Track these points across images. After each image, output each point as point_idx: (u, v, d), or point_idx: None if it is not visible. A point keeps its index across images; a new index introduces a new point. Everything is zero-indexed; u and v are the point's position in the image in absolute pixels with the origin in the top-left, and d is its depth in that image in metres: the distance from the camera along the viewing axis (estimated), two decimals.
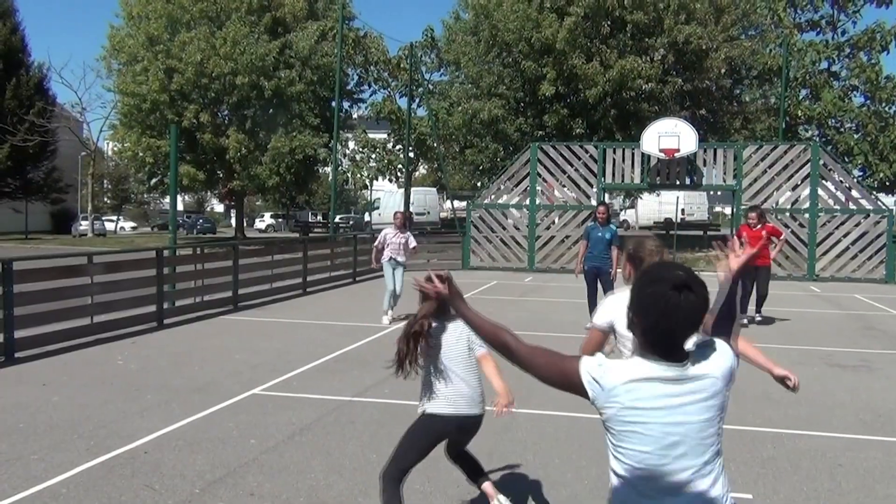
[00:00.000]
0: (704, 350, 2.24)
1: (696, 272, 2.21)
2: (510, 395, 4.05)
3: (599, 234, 11.08)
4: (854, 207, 19.98)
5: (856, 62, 27.36)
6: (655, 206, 45.66)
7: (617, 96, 25.34)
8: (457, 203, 36.77)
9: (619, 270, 11.38)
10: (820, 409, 6.96)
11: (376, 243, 12.25)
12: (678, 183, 21.74)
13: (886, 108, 27.63)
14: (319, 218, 55.00)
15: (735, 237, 11.53)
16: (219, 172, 37.51)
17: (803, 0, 29.39)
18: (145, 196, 59.58)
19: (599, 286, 11.01)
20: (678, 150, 19.95)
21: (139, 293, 11.00)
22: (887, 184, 28.09)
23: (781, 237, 12.56)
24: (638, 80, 24.76)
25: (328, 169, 37.23)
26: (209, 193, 58.94)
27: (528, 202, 21.51)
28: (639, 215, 49.62)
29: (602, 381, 2.20)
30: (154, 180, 38.54)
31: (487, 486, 4.40)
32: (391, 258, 11.98)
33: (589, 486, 4.95)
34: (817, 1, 29.07)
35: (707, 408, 2.20)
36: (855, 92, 28.12)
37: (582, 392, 2.24)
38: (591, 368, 2.24)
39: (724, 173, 20.68)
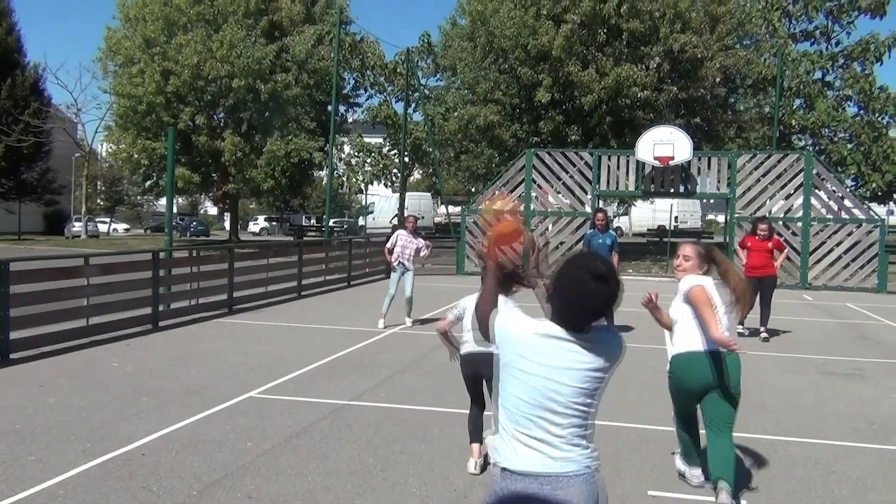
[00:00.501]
0: (602, 331, 2.54)
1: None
2: None
3: (600, 240, 11.17)
4: (847, 217, 20.09)
5: (850, 72, 27.55)
6: (649, 214, 45.81)
7: (612, 104, 25.44)
8: (451, 208, 36.90)
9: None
10: (813, 417, 7.01)
11: (388, 244, 12.21)
12: (672, 191, 21.84)
13: (879, 119, 27.82)
14: (313, 222, 54.99)
15: (739, 247, 11.60)
16: (214, 175, 37.50)
17: (798, 10, 29.59)
18: (139, 198, 59.48)
19: None
20: (673, 158, 20.03)
21: (135, 295, 11.00)
22: (880, 194, 28.26)
23: (784, 251, 12.58)
24: (633, 88, 24.87)
25: (323, 173, 37.30)
26: (203, 196, 58.91)
27: (522, 208, 21.57)
28: (632, 222, 49.77)
29: (507, 328, 2.52)
30: (149, 182, 38.52)
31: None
32: (400, 263, 11.92)
33: None
34: (812, 11, 29.27)
35: (587, 378, 2.45)
36: (848, 102, 28.33)
37: (491, 336, 2.56)
38: (501, 317, 2.56)
39: (718, 181, 20.78)
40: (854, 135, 27.99)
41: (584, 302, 2.45)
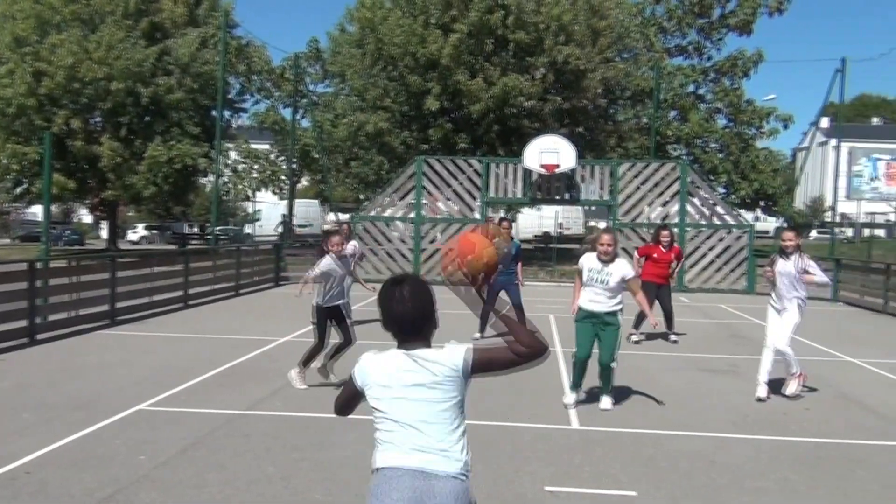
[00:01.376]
0: (440, 347, 2.75)
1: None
2: None
3: (506, 249, 11.38)
4: (719, 223, 21.24)
5: (720, 86, 29.20)
6: (536, 220, 46.92)
7: (500, 112, 25.95)
8: (340, 215, 36.66)
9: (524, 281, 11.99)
10: (694, 411, 7.42)
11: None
12: (558, 198, 22.50)
13: (747, 130, 29.58)
14: (196, 230, 53.32)
15: (638, 254, 12.11)
16: (90, 181, 35.82)
17: (672, 27, 31.10)
18: (7, 206, 56.05)
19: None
20: (558, 166, 20.64)
21: (8, 307, 10.41)
22: (748, 201, 30.02)
23: (682, 260, 13.05)
24: (520, 98, 25.46)
25: (208, 179, 36.30)
26: (78, 204, 56.09)
27: (412, 215, 21.72)
28: (519, 229, 50.82)
29: (360, 376, 2.74)
30: (19, 189, 36.38)
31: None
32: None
33: (486, 490, 5.10)
34: (685, 28, 30.83)
35: (436, 387, 2.65)
36: (719, 114, 29.98)
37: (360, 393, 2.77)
38: (356, 370, 2.76)
39: (601, 189, 21.57)
40: (724, 145, 29.68)
41: (390, 308, 2.73)
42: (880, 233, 50.60)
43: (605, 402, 7.37)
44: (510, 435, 6.43)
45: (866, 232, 49.64)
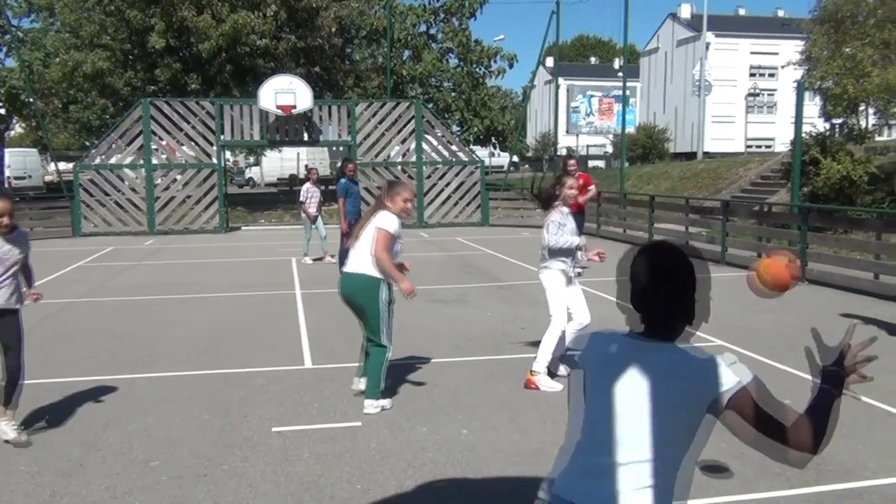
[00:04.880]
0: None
1: None
2: None
3: (356, 189, 12.12)
4: (453, 159, 22.20)
5: (449, 27, 30.12)
6: (278, 164, 46.04)
7: (232, 51, 24.90)
8: (63, 165, 33.54)
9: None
10: (422, 340, 7.80)
11: (301, 199, 14.50)
12: (297, 139, 22.22)
13: (477, 70, 30.90)
14: None
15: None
16: None
17: None
18: None
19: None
20: (295, 107, 20.33)
21: None
22: (481, 137, 31.58)
23: (593, 185, 12.86)
24: (252, 36, 24.57)
25: None
26: None
27: (143, 161, 20.41)
28: (264, 173, 49.68)
29: None
30: None
31: None
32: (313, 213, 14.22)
33: (211, 438, 5.04)
34: None
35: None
36: (450, 54, 30.98)
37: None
38: None
39: (340, 129, 21.61)
40: (457, 84, 30.84)
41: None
42: (600, 163, 55.62)
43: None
44: (242, 380, 6.39)
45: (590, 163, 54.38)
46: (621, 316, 2.31)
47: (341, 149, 28.01)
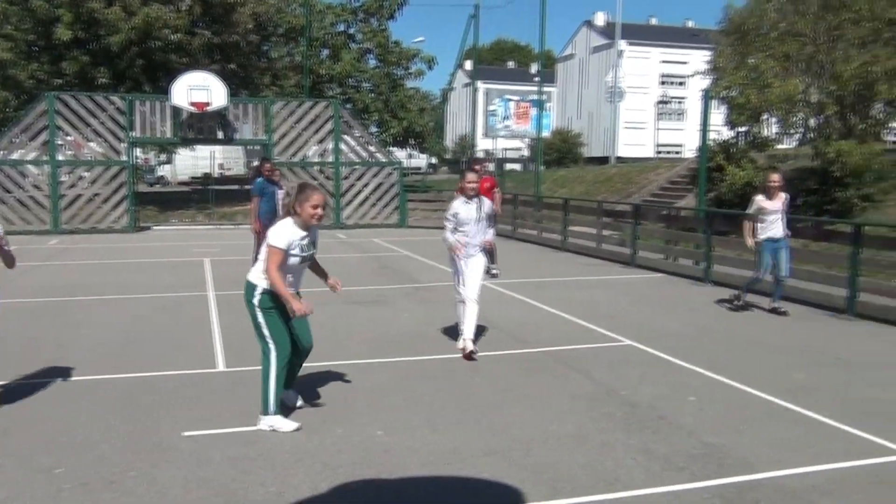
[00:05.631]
0: None
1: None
2: None
3: (272, 189, 11.87)
4: (371, 160, 22.14)
5: (368, 27, 30.03)
6: (191, 161, 44.98)
7: (143, 45, 24.18)
8: None
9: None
10: (338, 341, 7.78)
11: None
12: (211, 137, 21.78)
13: (395, 71, 30.91)
14: None
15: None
16: None
17: None
18: None
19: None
20: (209, 104, 19.92)
21: None
22: (399, 139, 31.60)
23: (498, 189, 13.01)
24: (165, 30, 23.92)
25: None
26: None
27: (46, 157, 19.62)
28: (176, 171, 48.46)
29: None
30: None
31: None
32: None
33: (119, 443, 4.91)
34: None
35: None
36: (369, 55, 30.89)
37: None
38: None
39: (256, 128, 21.27)
40: (375, 85, 30.78)
41: None
42: (517, 167, 56.33)
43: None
44: (152, 385, 6.24)
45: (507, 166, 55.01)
46: (532, 315, 2.38)
47: (257, 148, 27.58)
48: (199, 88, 19.85)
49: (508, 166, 50.50)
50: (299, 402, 5.61)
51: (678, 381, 6.44)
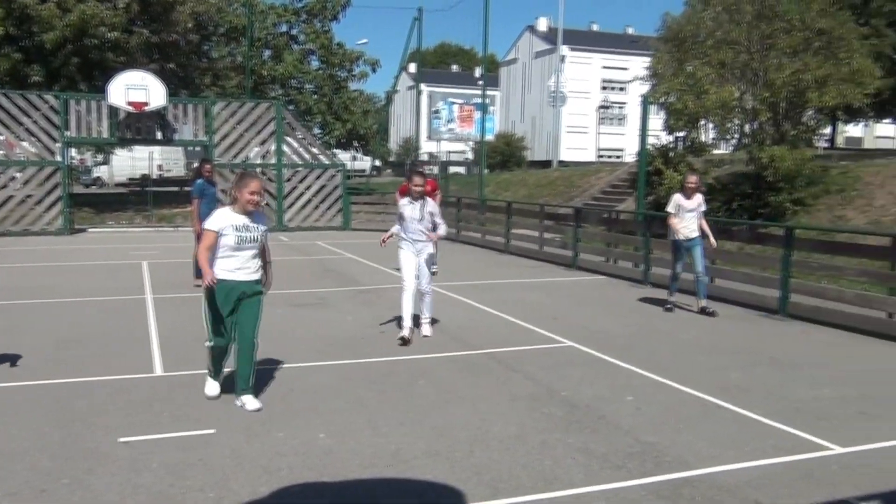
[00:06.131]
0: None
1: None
2: None
3: (212, 190, 11.67)
4: (314, 162, 21.98)
5: (311, 28, 29.81)
6: (129, 162, 43.94)
7: (79, 43, 23.57)
8: None
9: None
10: (282, 344, 7.70)
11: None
12: (150, 138, 21.34)
13: (339, 73, 30.76)
14: None
15: (399, 193, 12.33)
16: None
17: None
18: None
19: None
20: (147, 104, 19.53)
21: None
22: (343, 141, 31.45)
23: (439, 192, 12.96)
24: (101, 28, 23.36)
25: None
26: None
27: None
28: (113, 172, 47.28)
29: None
30: None
31: None
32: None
33: (52, 451, 4.79)
34: None
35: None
36: (312, 56, 30.67)
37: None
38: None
39: (197, 128, 20.93)
40: (318, 87, 30.57)
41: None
42: (461, 170, 56.57)
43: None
44: (87, 390, 6.09)
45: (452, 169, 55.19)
46: (475, 317, 2.41)
47: (197, 149, 27.13)
48: (137, 88, 19.45)
49: (452, 169, 50.68)
50: (216, 392, 5.91)
51: (617, 382, 6.56)
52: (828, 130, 32.65)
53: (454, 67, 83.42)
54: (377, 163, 47.11)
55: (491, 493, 4.28)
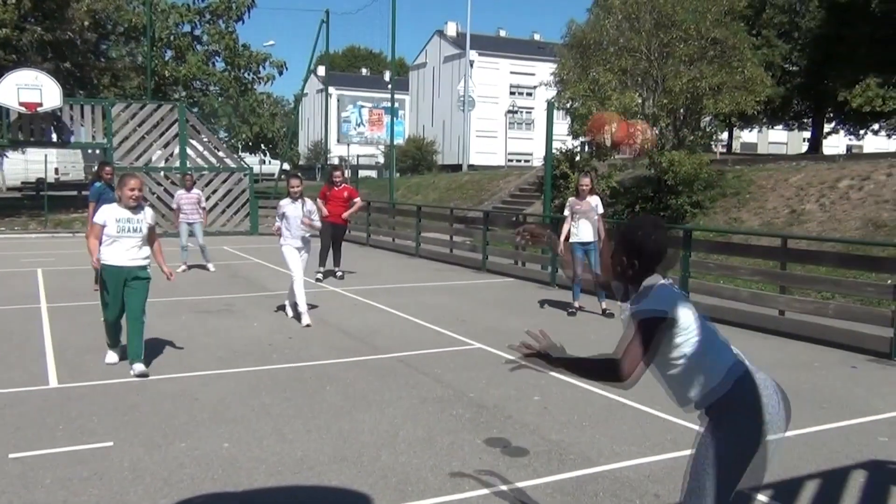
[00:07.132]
0: None
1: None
2: None
3: (111, 194, 11.03)
4: (220, 166, 21.49)
5: (215, 28, 29.06)
6: (23, 165, 42.01)
7: None
8: None
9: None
10: (185, 353, 7.50)
11: (174, 205, 13.85)
12: (44, 140, 20.45)
13: (245, 75, 30.11)
14: None
15: (319, 197, 12.52)
16: None
17: None
18: None
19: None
20: (41, 105, 18.72)
21: None
22: (250, 144, 30.86)
23: (358, 198, 13.22)
24: None
25: None
26: None
27: None
28: (5, 175, 45.09)
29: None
30: None
31: None
32: (187, 219, 13.47)
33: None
34: None
35: None
36: (217, 57, 29.89)
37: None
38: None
39: (95, 130, 20.18)
40: (223, 89, 29.86)
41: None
42: (371, 173, 56.40)
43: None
44: None
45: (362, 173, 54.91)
46: (385, 320, 2.40)
47: (97, 152, 26.13)
48: (30, 88, 18.63)
49: (363, 173, 50.46)
50: (115, 360, 6.97)
51: (524, 382, 6.65)
52: (725, 136, 34.04)
53: (364, 71, 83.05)
54: (286, 166, 46.49)
55: (398, 496, 4.27)
